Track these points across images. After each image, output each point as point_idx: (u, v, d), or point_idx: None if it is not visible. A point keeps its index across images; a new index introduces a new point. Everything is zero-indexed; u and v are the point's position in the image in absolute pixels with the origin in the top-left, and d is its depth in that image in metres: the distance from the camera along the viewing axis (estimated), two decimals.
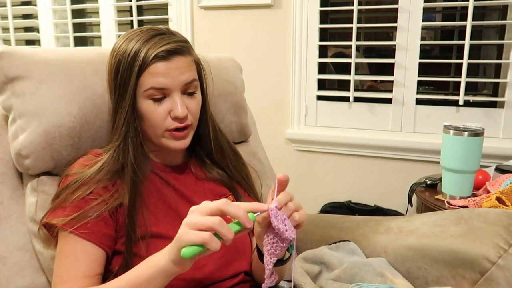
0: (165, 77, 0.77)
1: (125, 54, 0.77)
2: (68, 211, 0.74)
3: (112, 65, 0.80)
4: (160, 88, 0.77)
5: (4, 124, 0.91)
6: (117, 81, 0.79)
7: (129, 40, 0.79)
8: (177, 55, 0.78)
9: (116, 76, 0.79)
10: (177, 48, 0.78)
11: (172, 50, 0.77)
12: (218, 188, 0.92)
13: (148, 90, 0.77)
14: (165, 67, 0.77)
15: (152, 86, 0.77)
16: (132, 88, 0.77)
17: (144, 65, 0.76)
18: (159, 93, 0.78)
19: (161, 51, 0.76)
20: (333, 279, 0.95)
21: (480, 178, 1.39)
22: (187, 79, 0.79)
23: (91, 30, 2.51)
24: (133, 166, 0.79)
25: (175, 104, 0.78)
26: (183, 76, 0.78)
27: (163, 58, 0.76)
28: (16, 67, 0.84)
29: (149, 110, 0.78)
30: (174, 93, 0.78)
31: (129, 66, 0.77)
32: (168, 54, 0.77)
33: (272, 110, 2.00)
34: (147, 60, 0.76)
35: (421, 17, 1.71)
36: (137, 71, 0.76)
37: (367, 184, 1.91)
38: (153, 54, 0.76)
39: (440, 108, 1.76)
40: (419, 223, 1.01)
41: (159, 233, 0.78)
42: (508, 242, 0.86)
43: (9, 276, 0.82)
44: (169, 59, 0.77)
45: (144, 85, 0.77)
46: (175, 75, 0.77)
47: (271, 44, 1.96)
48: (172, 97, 0.79)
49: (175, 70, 0.77)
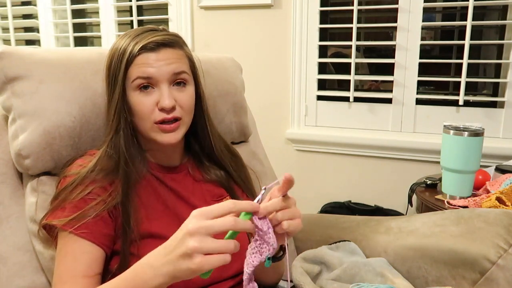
0: (152, 67, 0.77)
1: (117, 49, 0.79)
2: (68, 212, 0.74)
3: (107, 62, 0.82)
4: (146, 77, 0.77)
5: (4, 124, 0.91)
6: (109, 76, 0.81)
7: (122, 37, 0.81)
8: (166, 47, 0.79)
9: (109, 69, 0.81)
10: (165, 40, 0.79)
11: (161, 42, 0.78)
12: (216, 189, 0.92)
13: (135, 80, 0.78)
14: (152, 58, 0.77)
15: (139, 76, 0.77)
16: (121, 80, 0.78)
17: (132, 57, 0.77)
18: (145, 81, 0.78)
19: (149, 43, 0.77)
20: (333, 279, 0.95)
21: (480, 178, 1.39)
22: (175, 70, 0.79)
23: (91, 30, 2.51)
24: (124, 157, 0.79)
25: (162, 95, 0.78)
26: (170, 66, 0.79)
27: (151, 49, 0.77)
28: (16, 67, 0.84)
29: (137, 101, 0.79)
30: (162, 84, 0.78)
31: (119, 59, 0.78)
32: (156, 46, 0.78)
33: (272, 110, 2.00)
34: (135, 52, 0.77)
35: (421, 17, 1.71)
36: (126, 63, 0.77)
37: (367, 184, 1.91)
38: (141, 46, 0.77)
39: (440, 108, 1.76)
40: (419, 223, 1.01)
41: (158, 233, 0.78)
42: (508, 242, 0.86)
43: (9, 276, 0.82)
44: (157, 50, 0.78)
45: (132, 75, 0.78)
46: (162, 65, 0.78)
47: (271, 44, 1.96)
48: (159, 88, 0.79)
49: (162, 61, 0.78)
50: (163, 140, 0.81)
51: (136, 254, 0.75)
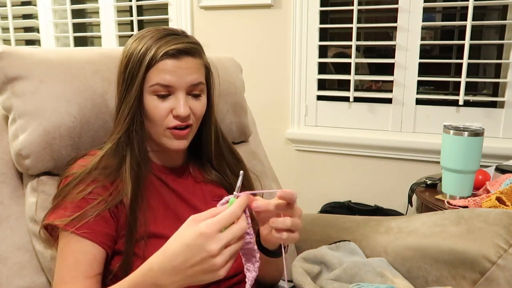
0: (172, 75, 0.77)
1: (137, 50, 0.79)
2: (69, 212, 0.74)
3: (123, 59, 0.81)
4: (165, 85, 0.78)
5: (4, 124, 0.91)
6: (126, 73, 0.80)
7: (141, 37, 0.80)
8: (187, 56, 0.79)
9: (126, 69, 0.80)
10: (187, 49, 0.79)
11: (183, 50, 0.78)
12: (217, 190, 0.92)
13: (154, 86, 0.78)
14: (173, 65, 0.77)
15: (158, 82, 0.77)
16: (139, 81, 0.78)
17: (153, 61, 0.77)
18: (164, 89, 0.78)
19: (171, 49, 0.77)
20: (333, 279, 0.95)
21: (480, 178, 1.39)
22: (194, 81, 0.80)
23: (91, 30, 2.51)
24: (137, 159, 0.79)
25: (178, 103, 0.78)
26: (190, 76, 0.79)
27: (173, 56, 0.77)
28: (16, 67, 0.84)
29: (152, 106, 0.79)
30: (179, 92, 0.79)
31: (139, 60, 0.78)
32: (178, 53, 0.77)
33: (272, 110, 2.00)
34: (157, 56, 0.77)
35: (421, 17, 1.71)
36: (146, 66, 0.77)
37: (367, 184, 1.91)
38: (164, 51, 0.76)
39: (440, 108, 1.76)
40: (419, 223, 1.01)
41: (160, 233, 0.78)
42: (508, 242, 0.86)
43: (9, 276, 0.82)
44: (179, 58, 0.78)
45: (151, 80, 0.78)
46: (182, 74, 0.78)
47: (271, 44, 1.96)
48: (176, 95, 0.79)
49: (183, 70, 0.78)
50: (172, 146, 0.82)
51: (139, 254, 0.75)
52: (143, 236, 0.77)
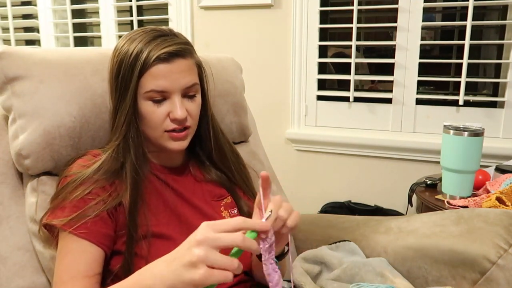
0: (166, 80, 0.77)
1: (127, 55, 0.78)
2: (68, 212, 0.74)
3: (114, 65, 0.80)
4: (160, 90, 0.77)
5: (4, 124, 0.91)
6: (118, 81, 0.79)
7: (131, 40, 0.79)
8: (179, 58, 0.78)
9: (118, 76, 0.79)
10: (179, 51, 0.78)
11: (174, 53, 0.77)
12: (217, 189, 0.92)
13: (149, 92, 0.77)
14: (166, 70, 0.77)
15: (153, 89, 0.77)
16: (133, 89, 0.77)
17: (146, 67, 0.76)
18: (159, 95, 0.78)
19: (162, 53, 0.76)
20: (333, 279, 0.95)
21: (480, 178, 1.39)
22: (187, 83, 0.79)
23: (91, 30, 2.51)
24: (134, 165, 0.79)
25: (174, 106, 0.78)
26: (184, 80, 0.79)
27: (165, 60, 0.77)
28: (16, 67, 0.84)
29: (149, 111, 0.79)
30: (174, 95, 0.79)
31: (131, 66, 0.77)
32: (169, 56, 0.77)
33: (272, 110, 2.00)
34: (149, 62, 0.76)
35: (421, 17, 1.71)
36: (139, 72, 0.76)
37: (367, 184, 1.91)
38: (155, 56, 0.76)
39: (440, 108, 1.76)
40: (419, 223, 1.01)
41: (160, 233, 0.78)
42: (508, 242, 0.86)
43: (9, 276, 0.82)
44: (171, 61, 0.77)
45: (145, 86, 0.77)
46: (176, 78, 0.78)
47: (271, 44, 1.96)
48: (172, 99, 0.79)
49: (176, 74, 0.78)
50: (172, 147, 0.82)
51: (139, 254, 0.75)
52: (143, 236, 0.77)
